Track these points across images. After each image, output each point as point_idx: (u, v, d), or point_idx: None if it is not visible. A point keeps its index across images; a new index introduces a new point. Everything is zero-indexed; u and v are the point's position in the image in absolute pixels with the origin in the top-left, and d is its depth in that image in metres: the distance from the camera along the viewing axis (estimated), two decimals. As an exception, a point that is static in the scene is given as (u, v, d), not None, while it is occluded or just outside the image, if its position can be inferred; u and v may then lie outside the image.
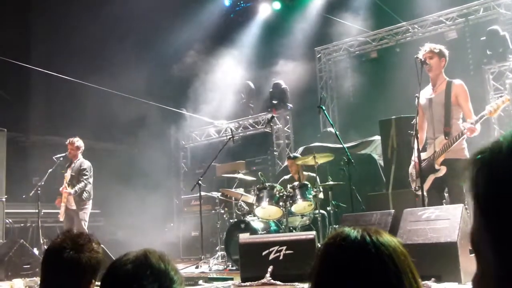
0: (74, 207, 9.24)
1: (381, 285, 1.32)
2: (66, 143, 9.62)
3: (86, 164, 9.46)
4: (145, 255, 1.65)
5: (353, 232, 1.39)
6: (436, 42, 6.48)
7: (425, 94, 6.22)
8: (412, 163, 6.36)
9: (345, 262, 1.35)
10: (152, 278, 1.60)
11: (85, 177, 9.32)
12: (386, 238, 1.38)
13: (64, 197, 9.25)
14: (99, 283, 2.59)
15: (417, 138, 5.85)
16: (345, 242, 1.38)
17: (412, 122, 5.92)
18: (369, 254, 1.35)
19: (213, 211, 10.96)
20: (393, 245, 1.37)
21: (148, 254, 1.65)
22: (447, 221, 5.06)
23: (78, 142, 9.56)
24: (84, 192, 9.27)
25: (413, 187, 6.34)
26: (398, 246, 1.38)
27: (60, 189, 9.31)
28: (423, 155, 6.08)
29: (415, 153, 6.10)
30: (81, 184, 9.22)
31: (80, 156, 9.55)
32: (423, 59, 6.01)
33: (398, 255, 1.36)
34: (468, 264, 4.86)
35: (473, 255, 1.12)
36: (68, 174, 9.42)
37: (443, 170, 5.96)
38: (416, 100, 6.00)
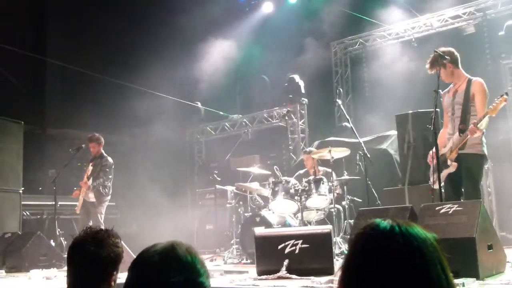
0: (92, 199, 9.31)
1: (407, 275, 1.33)
2: (89, 136, 9.64)
3: (109, 161, 9.51)
4: (172, 247, 1.66)
5: (383, 223, 1.41)
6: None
7: (448, 93, 6.25)
8: (428, 157, 6.36)
9: (373, 251, 1.37)
10: (179, 270, 1.61)
11: (105, 174, 9.37)
12: (417, 230, 1.40)
13: (83, 190, 9.32)
14: (120, 275, 2.72)
15: (435, 133, 5.84)
16: (374, 231, 1.40)
17: (430, 117, 5.89)
18: (397, 244, 1.36)
19: (227, 205, 10.98)
20: (422, 237, 1.38)
21: (176, 246, 1.66)
22: (465, 216, 5.03)
23: (98, 138, 9.61)
24: (105, 188, 9.33)
25: (430, 181, 6.35)
26: (429, 238, 1.39)
27: (81, 182, 9.37)
28: (442, 151, 6.07)
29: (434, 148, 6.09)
30: (100, 180, 9.27)
31: (102, 151, 9.60)
32: (442, 54, 5.98)
33: (427, 246, 1.37)
34: (486, 259, 4.84)
35: (491, 250, 1.12)
36: (90, 168, 9.49)
37: (454, 166, 5.98)
38: (435, 95, 5.97)
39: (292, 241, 6.20)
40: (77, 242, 2.78)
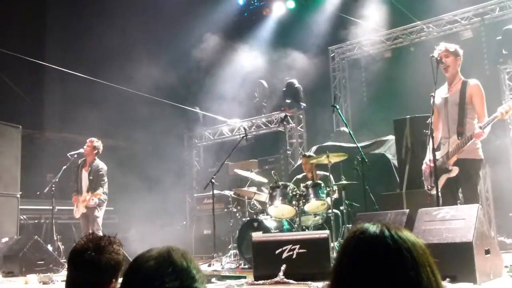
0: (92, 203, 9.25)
1: (398, 276, 1.34)
2: (87, 141, 9.63)
3: (103, 168, 9.50)
4: (168, 252, 1.65)
5: (372, 227, 1.42)
6: (451, 42, 6.44)
7: (441, 93, 6.18)
8: (424, 164, 6.33)
9: (364, 255, 1.38)
10: (174, 275, 1.61)
11: (102, 182, 9.37)
12: (406, 233, 1.42)
13: (83, 205, 9.24)
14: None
15: (432, 137, 5.82)
16: (364, 235, 1.42)
17: (427, 122, 5.88)
18: (387, 247, 1.37)
19: (225, 210, 10.98)
20: (412, 239, 1.40)
21: (171, 251, 1.66)
22: (462, 221, 5.02)
23: (97, 142, 9.58)
24: (104, 194, 9.33)
25: (426, 186, 6.32)
26: (418, 241, 1.40)
27: (81, 199, 9.29)
28: (437, 155, 6.03)
29: (428, 153, 6.06)
30: (100, 190, 9.26)
31: (96, 158, 9.56)
32: (438, 58, 5.97)
33: (416, 249, 1.38)
34: (484, 264, 4.84)
35: (488, 255, 1.13)
36: (85, 178, 9.43)
37: (455, 171, 5.94)
38: (432, 100, 5.96)
39: (289, 246, 6.20)
40: (78, 247, 2.76)
